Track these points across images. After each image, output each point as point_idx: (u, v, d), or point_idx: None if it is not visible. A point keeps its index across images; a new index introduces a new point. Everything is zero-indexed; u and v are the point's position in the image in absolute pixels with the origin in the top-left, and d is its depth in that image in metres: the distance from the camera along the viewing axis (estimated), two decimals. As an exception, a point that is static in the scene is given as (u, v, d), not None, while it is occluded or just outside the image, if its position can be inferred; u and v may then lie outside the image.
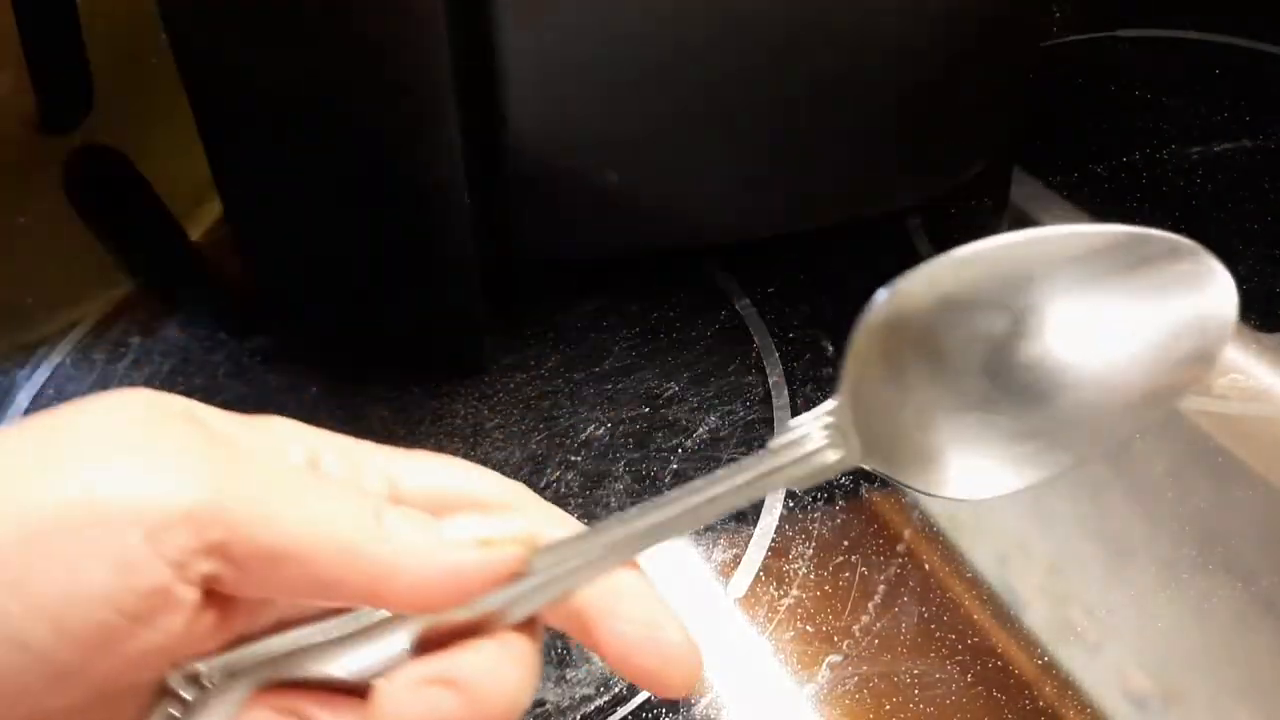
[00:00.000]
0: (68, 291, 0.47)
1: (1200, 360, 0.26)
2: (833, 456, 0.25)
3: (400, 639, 0.23)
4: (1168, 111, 0.53)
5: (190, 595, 0.20)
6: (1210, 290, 0.26)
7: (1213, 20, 0.57)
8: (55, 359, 0.45)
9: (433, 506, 0.23)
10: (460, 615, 0.23)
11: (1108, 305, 0.26)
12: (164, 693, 0.23)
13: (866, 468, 0.25)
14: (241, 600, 0.22)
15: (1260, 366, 0.42)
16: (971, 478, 0.26)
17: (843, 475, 0.39)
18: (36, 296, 0.47)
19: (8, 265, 0.49)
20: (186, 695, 0.23)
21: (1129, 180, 0.50)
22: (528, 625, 0.23)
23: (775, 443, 0.25)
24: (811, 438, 0.25)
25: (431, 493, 0.24)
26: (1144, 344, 0.26)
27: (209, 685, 0.23)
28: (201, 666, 0.23)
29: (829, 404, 0.25)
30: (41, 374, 0.44)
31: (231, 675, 0.23)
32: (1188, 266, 0.26)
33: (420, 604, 0.22)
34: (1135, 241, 0.26)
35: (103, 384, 0.44)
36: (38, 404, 0.43)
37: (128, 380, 0.43)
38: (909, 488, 0.27)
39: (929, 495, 0.26)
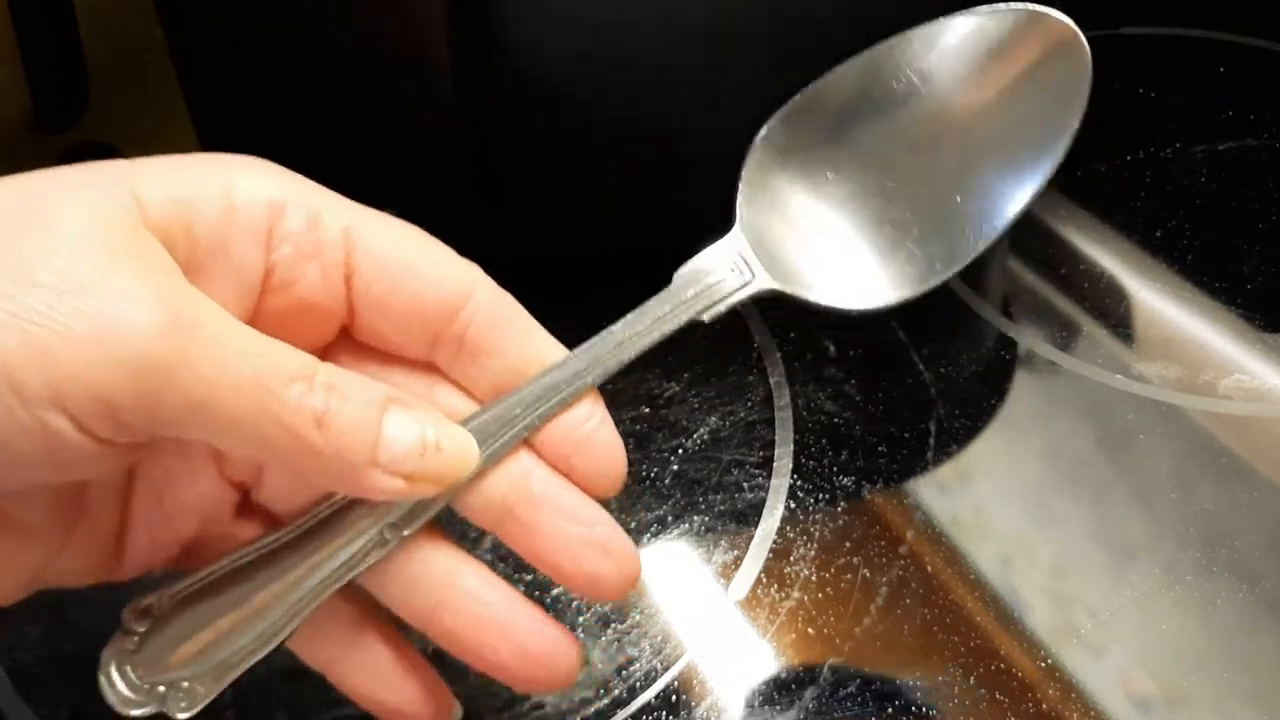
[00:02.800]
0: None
1: (1065, 128, 0.27)
2: (737, 282, 0.26)
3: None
4: (1172, 109, 0.53)
5: (103, 449, 0.21)
6: (1067, 59, 0.27)
7: (1218, 18, 0.57)
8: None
9: (386, 276, 0.24)
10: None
11: (973, 89, 0.27)
12: (120, 630, 0.23)
13: (771, 289, 0.26)
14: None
15: (1265, 367, 0.42)
16: (872, 289, 0.27)
17: (840, 475, 0.38)
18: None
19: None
20: (139, 628, 0.23)
21: (1132, 178, 0.50)
22: None
23: (680, 276, 0.26)
24: (716, 270, 0.26)
25: (388, 259, 0.25)
26: (1012, 118, 0.27)
27: (158, 614, 0.23)
28: (152, 598, 0.23)
29: (728, 236, 0.26)
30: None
31: (182, 603, 0.23)
32: (1040, 36, 0.27)
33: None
34: (989, 21, 0.27)
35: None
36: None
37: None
38: (813, 304, 0.27)
39: (832, 309, 0.27)
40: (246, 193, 0.23)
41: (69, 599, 0.35)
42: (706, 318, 0.26)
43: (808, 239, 0.28)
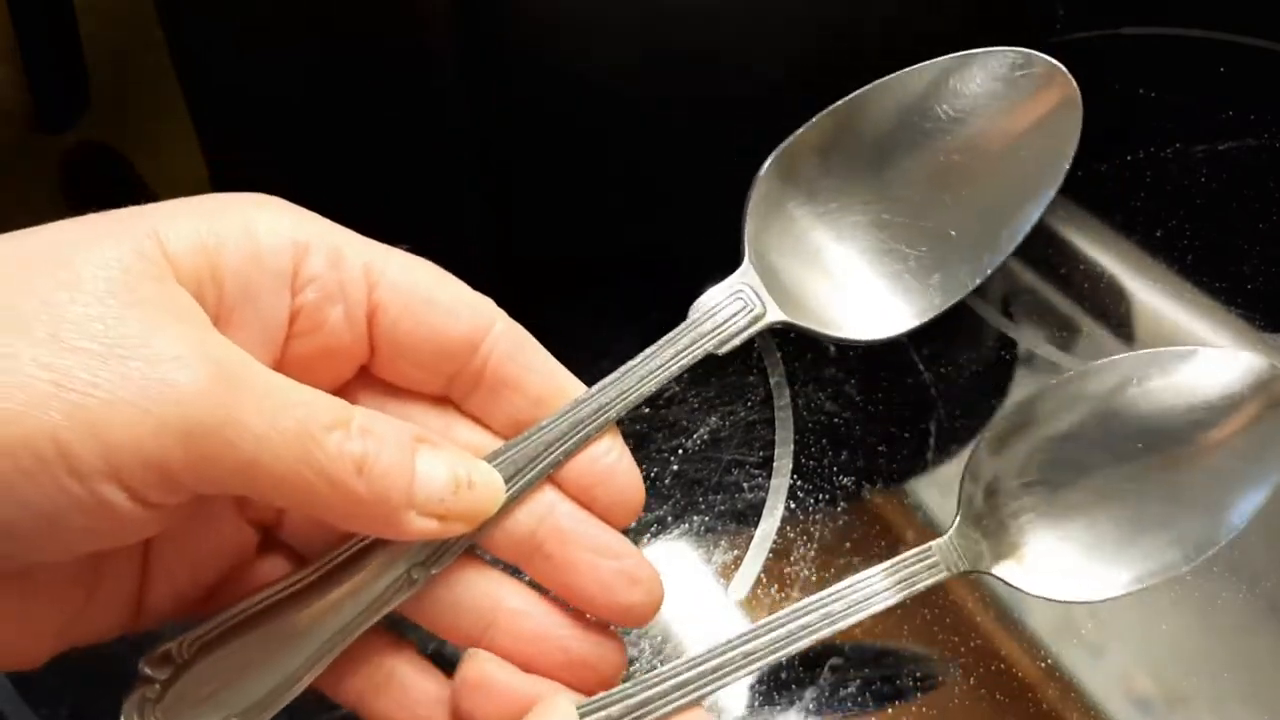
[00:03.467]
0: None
1: (1060, 156, 0.28)
2: (750, 315, 0.27)
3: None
4: (1172, 109, 0.53)
5: (150, 515, 0.20)
6: (1056, 91, 0.28)
7: (1218, 18, 0.57)
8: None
9: (409, 313, 0.24)
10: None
11: (970, 123, 0.28)
12: (139, 679, 0.23)
13: (783, 321, 0.27)
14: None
15: (1265, 367, 0.41)
16: (880, 317, 0.28)
17: (840, 475, 0.38)
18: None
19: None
20: (160, 676, 0.23)
21: (1132, 178, 0.50)
22: None
23: (695, 310, 0.27)
24: (729, 303, 0.27)
25: (410, 295, 0.25)
26: (1009, 148, 0.28)
27: (180, 660, 0.23)
28: (171, 645, 0.23)
29: (739, 270, 0.27)
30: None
31: (203, 649, 0.23)
32: (1031, 73, 0.28)
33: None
34: (984, 61, 0.29)
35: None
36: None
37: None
38: (824, 337, 0.28)
39: (843, 341, 0.28)
40: (270, 235, 0.23)
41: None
42: (721, 351, 0.27)
43: (815, 271, 0.28)
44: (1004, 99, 0.28)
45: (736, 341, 0.27)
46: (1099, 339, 0.43)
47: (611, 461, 0.26)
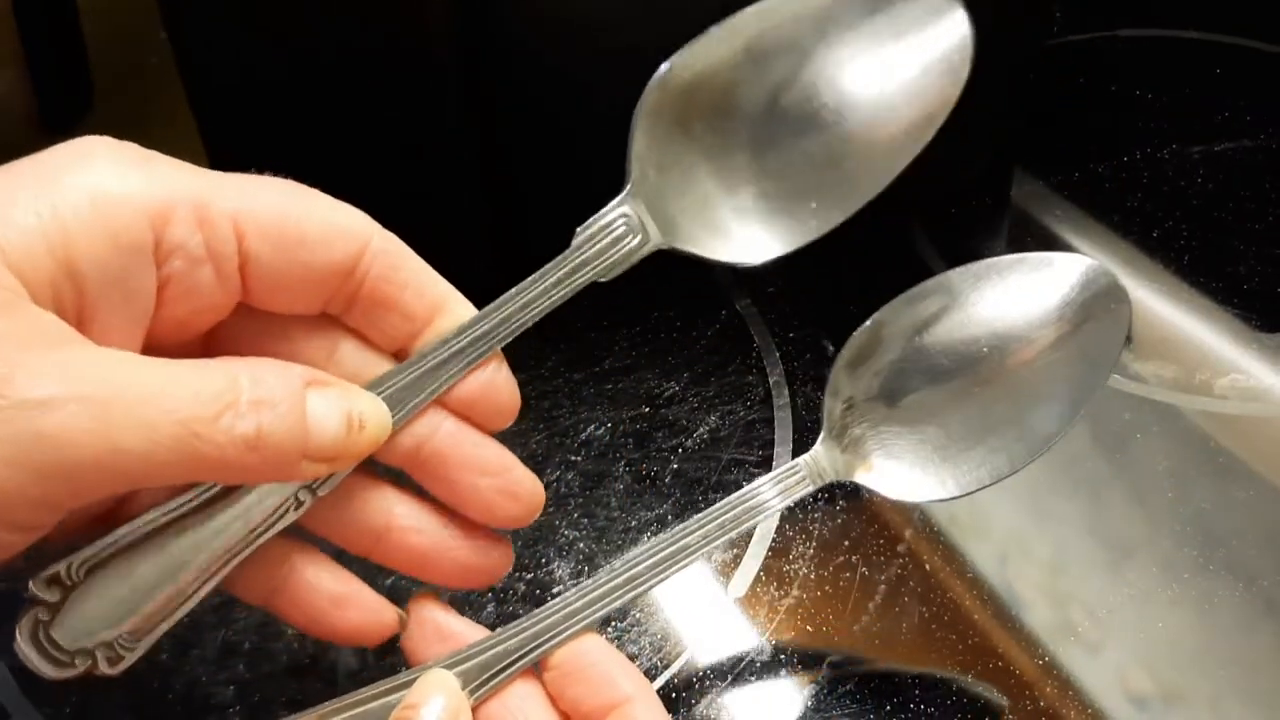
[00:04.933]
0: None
1: (948, 88, 0.28)
2: (634, 242, 0.27)
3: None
4: (1169, 111, 0.53)
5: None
6: (946, 23, 0.28)
7: (1214, 20, 0.57)
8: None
9: (280, 254, 0.24)
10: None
11: (860, 53, 0.28)
12: (29, 601, 0.23)
13: (665, 247, 0.27)
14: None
15: (1261, 366, 0.42)
16: (760, 243, 0.29)
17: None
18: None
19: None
20: (49, 598, 0.23)
21: (1130, 179, 0.50)
22: None
23: (579, 237, 0.27)
24: (610, 229, 0.27)
25: (280, 236, 0.24)
26: (897, 83, 0.28)
27: (70, 583, 0.24)
28: (59, 567, 0.23)
29: (621, 196, 0.27)
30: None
31: (94, 569, 0.24)
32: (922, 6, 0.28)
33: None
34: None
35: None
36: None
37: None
38: (705, 259, 0.28)
39: (725, 263, 0.28)
40: (122, 206, 0.22)
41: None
42: (605, 278, 0.27)
43: (700, 197, 0.28)
44: (900, 35, 0.28)
45: (620, 269, 0.27)
46: (1096, 339, 0.43)
47: (490, 379, 0.27)
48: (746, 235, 0.28)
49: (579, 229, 0.27)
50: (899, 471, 0.28)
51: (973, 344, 0.29)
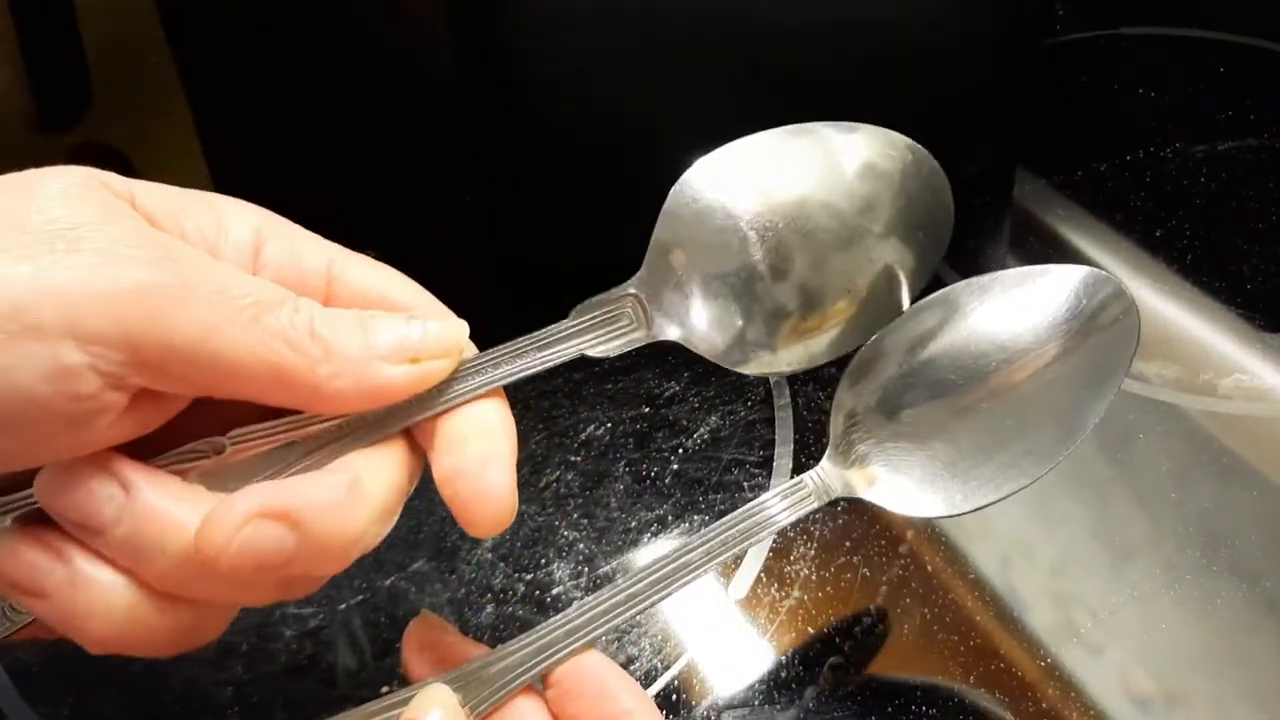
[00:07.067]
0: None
1: (936, 246, 0.30)
2: (634, 333, 0.28)
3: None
4: (1171, 109, 0.53)
5: (119, 400, 0.21)
6: (930, 180, 0.30)
7: (1217, 18, 0.57)
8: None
9: (365, 305, 0.24)
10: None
11: (850, 191, 0.30)
12: None
13: (657, 339, 0.28)
14: (166, 395, 0.22)
15: (1265, 366, 0.42)
16: (765, 361, 0.29)
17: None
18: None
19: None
20: None
21: (1132, 178, 0.50)
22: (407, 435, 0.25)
23: (578, 312, 0.28)
24: (612, 310, 0.28)
25: (369, 297, 0.25)
26: (883, 220, 0.30)
27: None
28: None
29: (631, 281, 0.28)
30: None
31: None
32: (910, 159, 0.30)
33: (342, 410, 0.24)
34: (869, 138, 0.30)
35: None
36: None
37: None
38: (707, 359, 0.29)
39: (723, 365, 0.29)
40: (233, 215, 0.24)
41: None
42: (595, 353, 0.27)
43: (709, 299, 0.29)
44: (884, 179, 0.30)
45: (615, 351, 0.28)
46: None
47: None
48: (752, 351, 0.29)
49: (578, 307, 0.27)
50: (907, 487, 0.28)
51: (980, 359, 0.29)
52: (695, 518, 0.37)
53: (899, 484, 0.28)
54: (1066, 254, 0.47)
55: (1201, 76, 0.55)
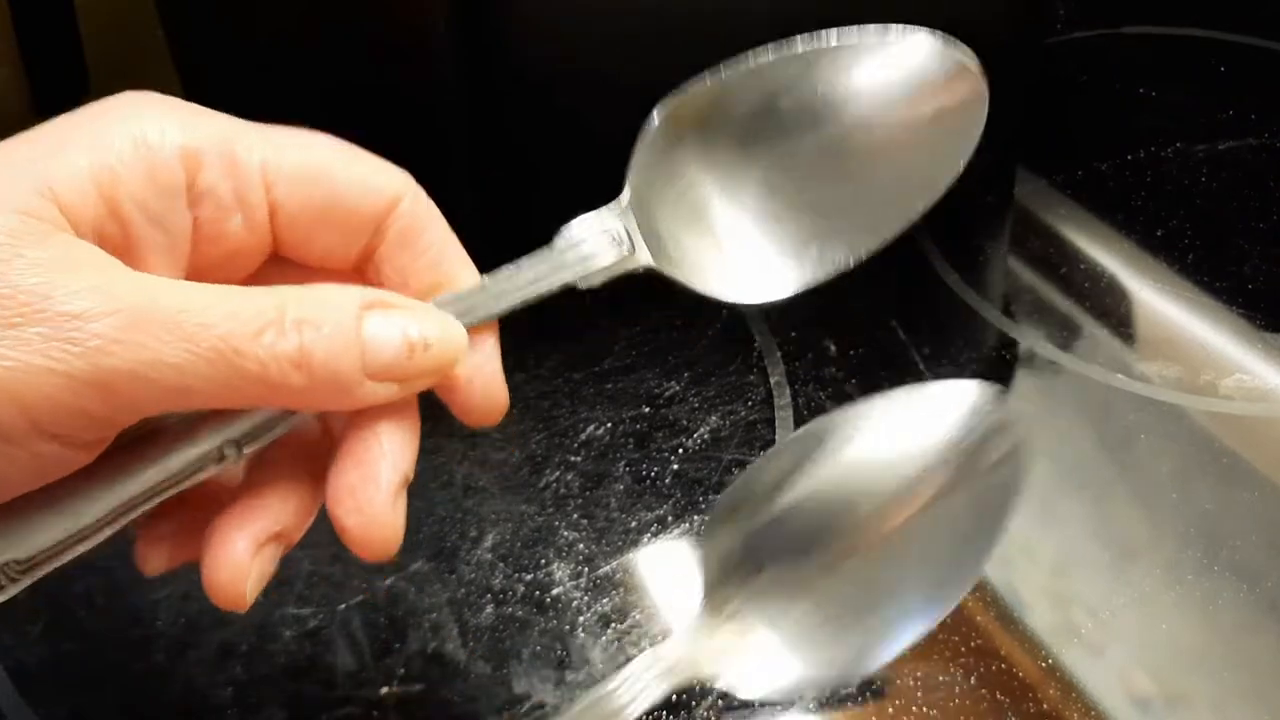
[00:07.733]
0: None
1: (961, 147, 0.28)
2: (616, 255, 0.26)
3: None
4: (1172, 109, 0.53)
5: (106, 441, 0.21)
6: (959, 85, 0.28)
7: (1218, 17, 0.57)
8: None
9: (309, 207, 0.24)
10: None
11: (877, 109, 0.28)
12: None
13: (648, 267, 0.26)
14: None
15: (1266, 367, 0.42)
16: (755, 284, 0.28)
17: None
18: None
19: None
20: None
21: (1133, 178, 0.50)
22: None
23: (561, 238, 0.26)
24: (597, 238, 0.26)
25: (310, 190, 0.24)
26: (909, 133, 0.28)
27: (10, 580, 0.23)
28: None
29: (613, 205, 0.26)
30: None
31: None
32: (935, 61, 0.28)
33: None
34: (887, 45, 0.28)
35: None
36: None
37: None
38: (693, 290, 0.27)
39: (714, 298, 0.27)
40: (161, 147, 0.23)
41: (70, 599, 0.35)
42: (582, 285, 0.26)
43: (691, 223, 0.28)
44: (914, 84, 0.28)
45: (597, 280, 0.26)
46: (1099, 339, 0.43)
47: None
48: (741, 274, 0.28)
49: (563, 229, 0.26)
50: (779, 656, 0.27)
51: (848, 506, 0.27)
52: (695, 518, 0.37)
53: (774, 649, 0.27)
54: (1066, 254, 0.47)
55: (1202, 76, 0.55)
